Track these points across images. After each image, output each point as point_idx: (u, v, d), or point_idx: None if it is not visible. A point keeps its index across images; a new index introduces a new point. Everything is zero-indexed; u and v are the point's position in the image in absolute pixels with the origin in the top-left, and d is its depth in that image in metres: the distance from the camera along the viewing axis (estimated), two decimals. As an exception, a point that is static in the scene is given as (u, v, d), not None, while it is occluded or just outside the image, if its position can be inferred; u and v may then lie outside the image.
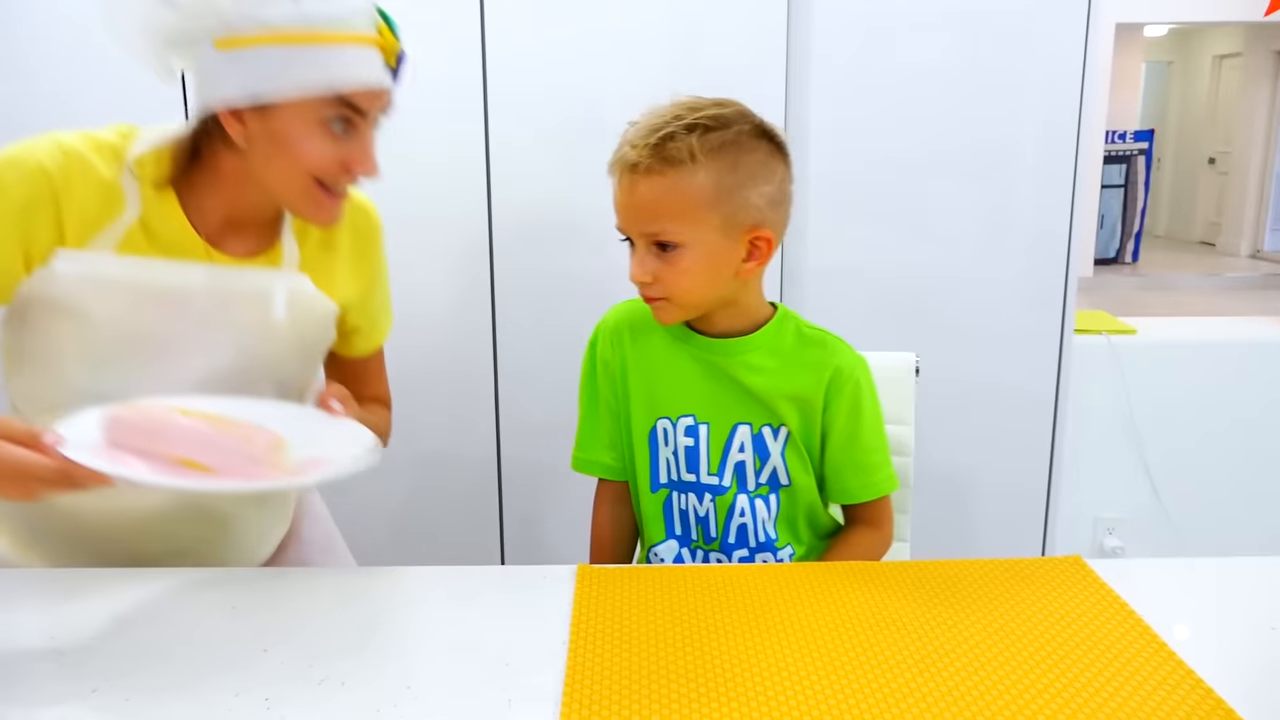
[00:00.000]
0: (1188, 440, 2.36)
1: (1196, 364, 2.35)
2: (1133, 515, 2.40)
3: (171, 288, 1.01)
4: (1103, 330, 2.36)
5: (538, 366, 1.87)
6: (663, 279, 1.06)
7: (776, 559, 1.14)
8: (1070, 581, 0.93)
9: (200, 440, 0.86)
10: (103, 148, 0.99)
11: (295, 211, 1.03)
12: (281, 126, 0.95)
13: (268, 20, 0.92)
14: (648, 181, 1.03)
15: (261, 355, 1.08)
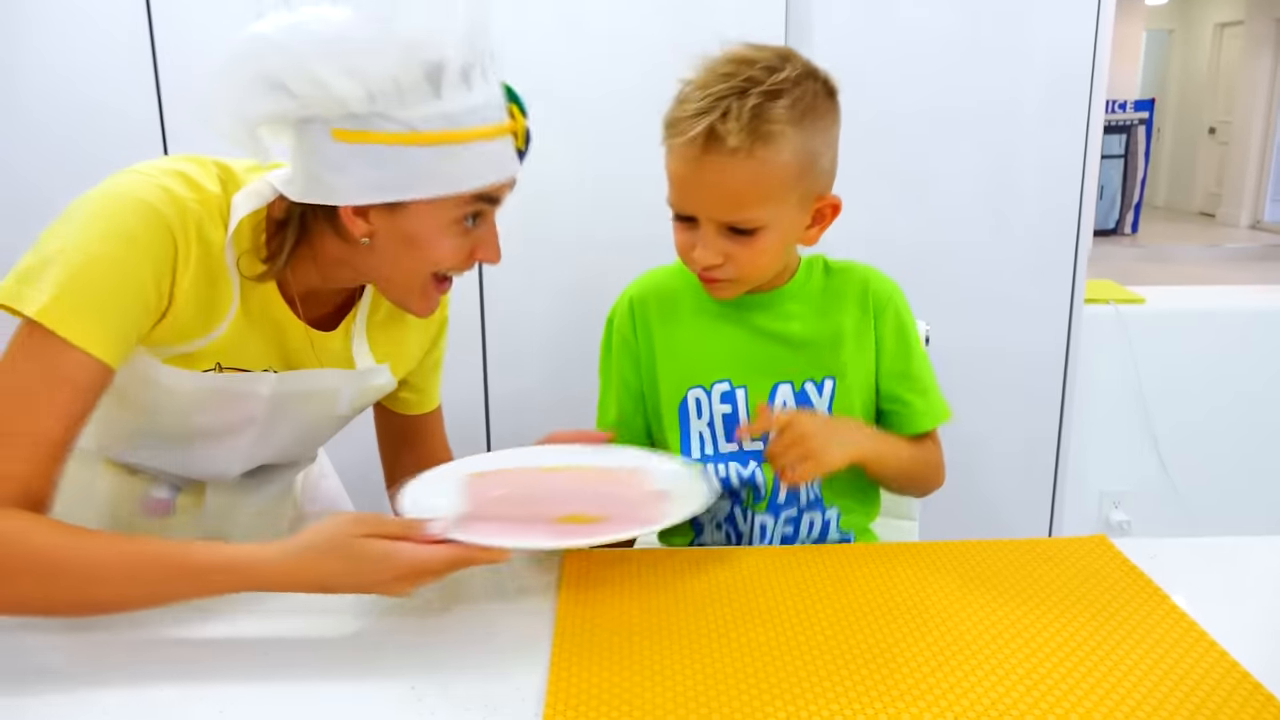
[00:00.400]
0: (1196, 412, 2.32)
1: (1206, 334, 2.31)
2: (1139, 489, 2.37)
3: (242, 394, 0.96)
4: (1110, 299, 2.31)
5: (527, 347, 1.82)
6: (736, 260, 1.00)
7: (824, 519, 1.11)
8: (1097, 561, 0.89)
9: (581, 493, 0.88)
10: (209, 204, 0.89)
11: (401, 303, 0.96)
12: (414, 227, 0.88)
13: (407, 121, 0.82)
14: (735, 163, 0.93)
15: (313, 439, 1.13)
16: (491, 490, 0.87)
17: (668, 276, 1.15)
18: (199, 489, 1.08)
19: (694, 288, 1.11)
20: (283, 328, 0.97)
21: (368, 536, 0.77)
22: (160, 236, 0.85)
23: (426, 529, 0.79)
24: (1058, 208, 1.85)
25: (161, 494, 1.07)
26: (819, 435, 0.96)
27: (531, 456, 0.97)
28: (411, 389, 1.16)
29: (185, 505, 1.08)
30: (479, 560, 0.79)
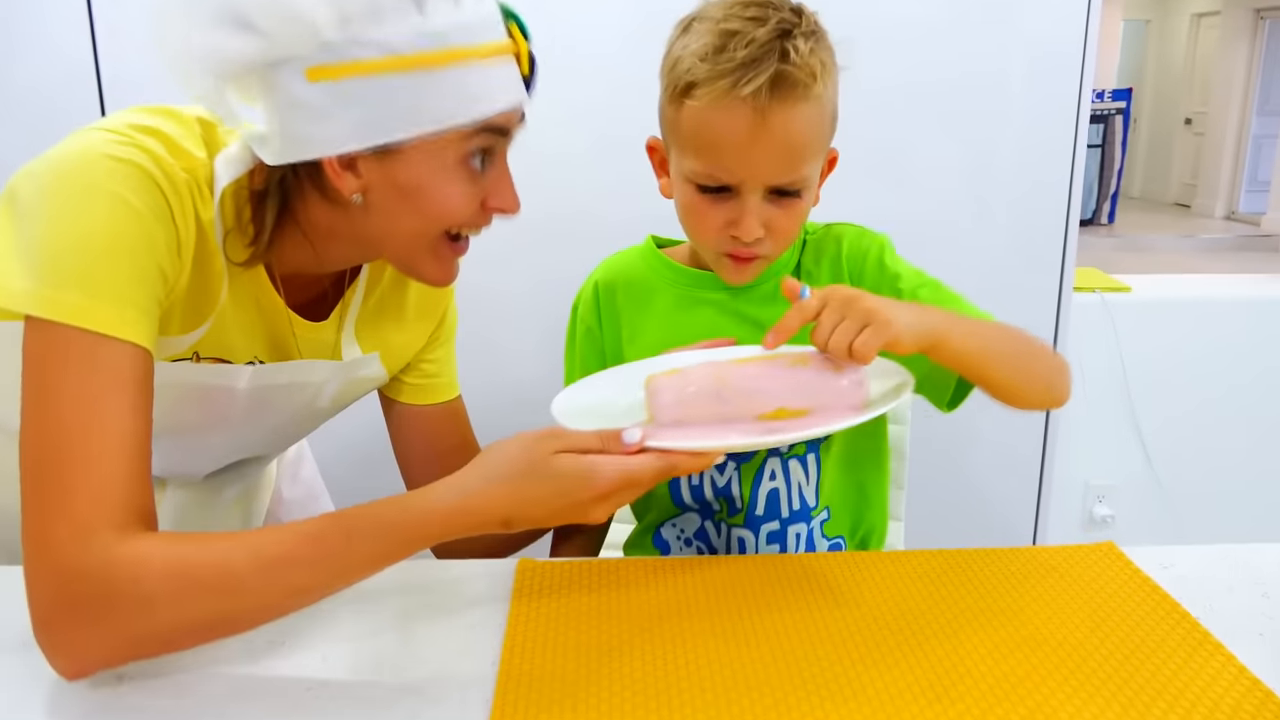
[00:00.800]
0: (1183, 404, 2.26)
1: (1193, 323, 2.25)
2: (1124, 482, 2.31)
3: (216, 388, 0.84)
4: (1096, 288, 2.25)
5: (508, 338, 1.72)
6: (776, 230, 0.89)
7: (809, 529, 0.98)
8: (1106, 572, 0.81)
9: (775, 386, 0.75)
10: (197, 174, 0.76)
11: (414, 272, 0.84)
12: (411, 174, 0.75)
13: (387, 43, 0.70)
14: (804, 109, 0.83)
15: (290, 435, 1.02)
16: (678, 390, 0.75)
17: (637, 258, 1.04)
18: (159, 484, 0.97)
19: (667, 270, 1.01)
20: (269, 315, 0.85)
21: (563, 452, 0.68)
22: (156, 202, 0.72)
23: (624, 436, 0.69)
24: (1045, 194, 1.78)
25: None
26: (872, 297, 0.75)
27: (694, 356, 0.86)
28: (420, 373, 1.01)
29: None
30: (686, 468, 0.70)
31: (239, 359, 0.84)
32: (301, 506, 1.18)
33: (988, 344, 0.82)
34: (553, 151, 1.63)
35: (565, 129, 1.63)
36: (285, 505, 1.16)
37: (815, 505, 0.98)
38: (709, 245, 0.92)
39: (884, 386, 0.77)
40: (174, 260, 0.74)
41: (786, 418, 0.74)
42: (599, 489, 0.67)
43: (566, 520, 0.69)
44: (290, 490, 1.17)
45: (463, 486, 0.69)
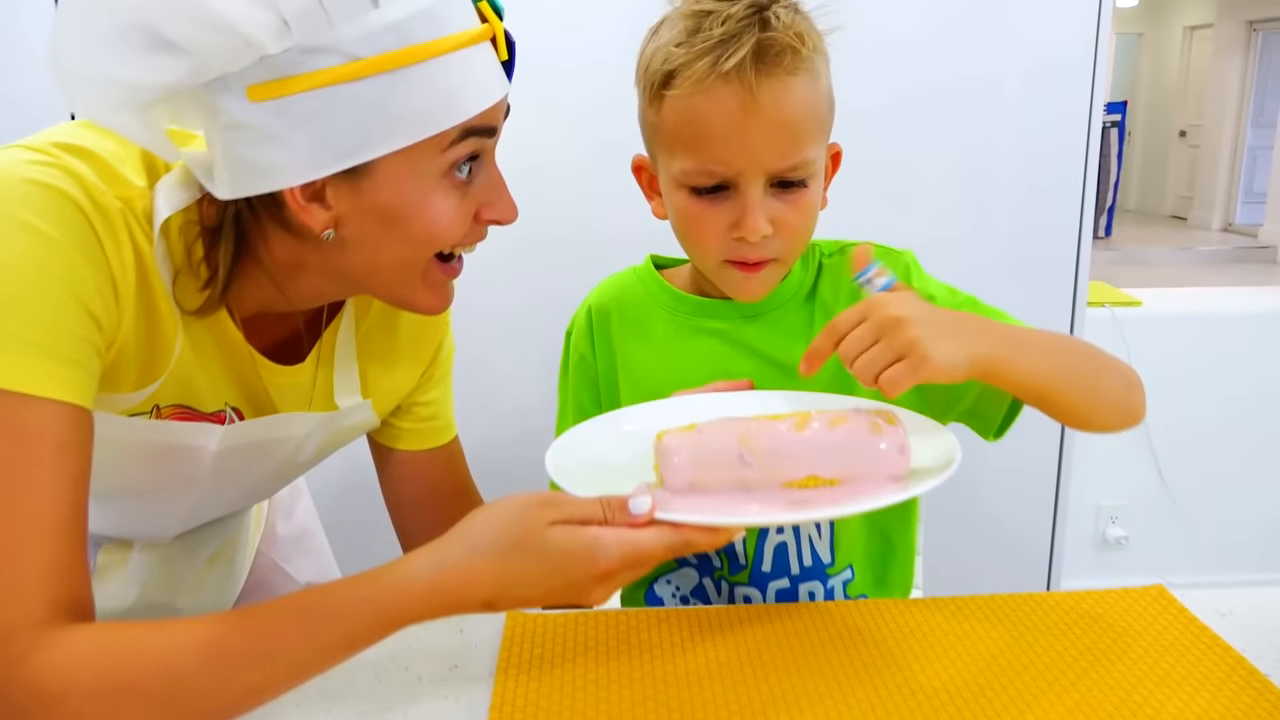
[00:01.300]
0: (1197, 421, 2.19)
1: (1206, 338, 2.19)
2: (1137, 502, 2.24)
3: (181, 448, 0.73)
4: (1106, 302, 2.18)
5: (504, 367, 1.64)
6: (785, 228, 0.80)
7: (827, 589, 0.88)
8: (1158, 618, 0.73)
9: (804, 448, 0.65)
10: (135, 204, 0.65)
11: (404, 303, 0.73)
12: (390, 195, 0.65)
13: (340, 47, 0.60)
14: (793, 82, 0.75)
15: (266, 490, 0.91)
16: (693, 450, 0.66)
17: (634, 280, 0.95)
18: (124, 545, 0.87)
19: (665, 295, 0.92)
20: (235, 359, 0.74)
21: (560, 524, 0.59)
22: (82, 235, 0.61)
23: (631, 506, 0.59)
24: (1055, 209, 1.72)
25: None
26: (919, 320, 0.65)
27: (708, 401, 0.77)
28: (413, 417, 0.90)
29: (107, 565, 0.86)
30: (702, 545, 0.60)
31: (206, 406, 0.74)
32: (296, 544, 1.07)
33: (1054, 363, 0.72)
34: (547, 162, 1.55)
35: (560, 137, 1.56)
36: (279, 543, 1.05)
37: (831, 563, 0.88)
38: (711, 256, 0.82)
39: (927, 449, 0.68)
40: (108, 304, 0.63)
41: (817, 486, 0.65)
42: (601, 568, 0.58)
43: (560, 602, 0.60)
44: (285, 527, 1.07)
45: (440, 559, 0.59)
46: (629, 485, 0.62)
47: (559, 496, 0.61)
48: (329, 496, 1.23)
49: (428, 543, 0.60)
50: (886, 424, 0.66)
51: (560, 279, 1.58)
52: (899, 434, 0.66)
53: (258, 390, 0.77)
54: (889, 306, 0.66)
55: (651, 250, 0.98)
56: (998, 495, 1.82)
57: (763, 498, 0.64)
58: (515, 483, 0.77)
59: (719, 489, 0.65)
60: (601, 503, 0.60)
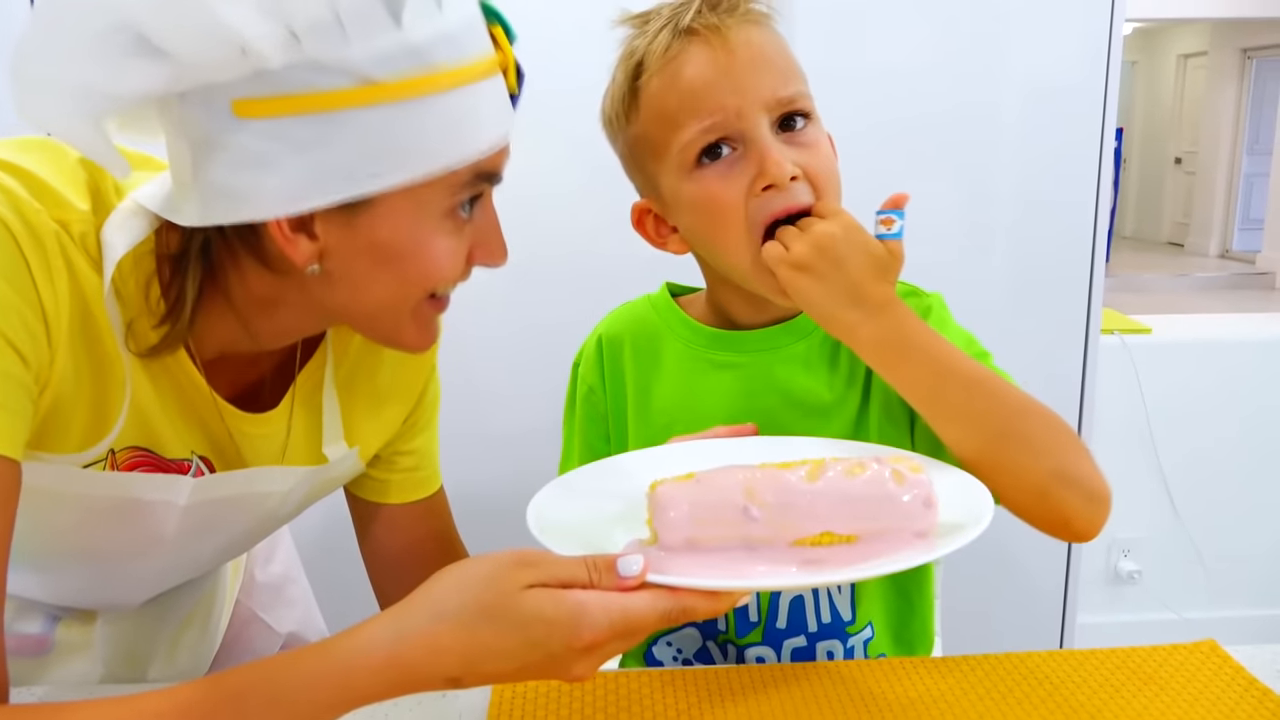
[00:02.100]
0: (1209, 450, 2.14)
1: (1218, 365, 2.14)
2: (1150, 535, 2.18)
3: (149, 504, 0.66)
4: (1115, 329, 2.12)
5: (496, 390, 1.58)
6: (809, 172, 0.72)
7: (846, 648, 0.81)
8: (1214, 677, 0.66)
9: (818, 502, 0.58)
10: (74, 227, 0.58)
11: (389, 340, 0.68)
12: (388, 232, 0.59)
13: (353, 67, 0.53)
14: (755, 28, 0.73)
15: (242, 547, 0.82)
16: (692, 502, 0.58)
17: (648, 309, 0.88)
18: (86, 616, 0.79)
19: (681, 325, 0.85)
20: (196, 404, 0.67)
21: (538, 587, 0.51)
22: (7, 255, 0.54)
23: (620, 567, 0.52)
24: (1066, 234, 1.68)
25: (32, 628, 0.77)
26: (829, 250, 0.68)
27: (707, 448, 0.70)
28: (393, 467, 0.82)
29: (68, 642, 0.78)
30: (702, 613, 0.53)
31: (169, 451, 0.66)
32: (276, 592, 1.00)
33: (944, 375, 0.69)
34: (544, 187, 1.50)
35: (558, 162, 1.51)
36: (258, 592, 0.98)
37: (852, 620, 0.81)
38: (745, 239, 0.73)
39: (955, 500, 0.61)
40: (35, 338, 0.56)
41: (832, 544, 0.58)
42: (585, 639, 0.50)
43: (537, 678, 0.52)
44: (264, 574, 0.99)
45: (399, 628, 0.51)
46: (619, 542, 0.56)
47: (538, 555, 0.53)
48: (310, 538, 1.17)
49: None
50: (910, 473, 0.59)
51: (556, 305, 1.53)
52: (924, 484, 0.59)
53: (224, 440, 0.70)
54: (832, 226, 0.69)
55: (651, 276, 0.92)
56: (1010, 529, 1.76)
57: (770, 556, 0.57)
58: (507, 522, 0.71)
59: (720, 547, 0.58)
60: (586, 563, 0.53)
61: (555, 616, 0.50)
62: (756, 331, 0.81)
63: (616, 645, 0.52)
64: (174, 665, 0.84)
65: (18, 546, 0.59)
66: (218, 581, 0.90)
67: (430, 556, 0.83)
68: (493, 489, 1.39)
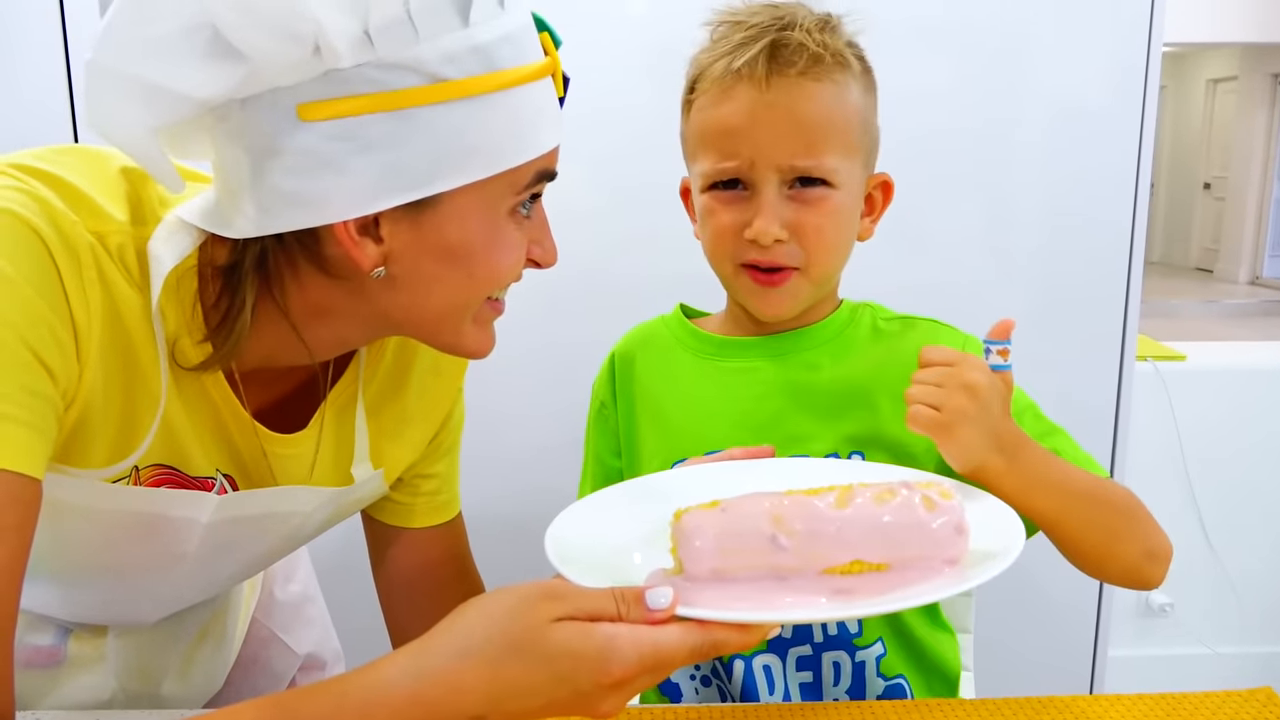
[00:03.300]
0: (1244, 480, 2.10)
1: (1255, 394, 2.09)
2: (1183, 568, 2.10)
3: (168, 521, 0.65)
4: (1149, 356, 2.09)
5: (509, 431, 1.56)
6: (802, 233, 0.76)
7: (855, 662, 0.81)
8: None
9: (848, 529, 0.56)
10: (111, 239, 0.57)
11: (450, 346, 0.67)
12: (456, 231, 0.59)
13: (426, 67, 0.54)
14: (806, 84, 0.75)
15: (261, 566, 0.81)
16: (718, 531, 0.56)
17: (660, 326, 0.90)
18: (98, 631, 0.78)
19: (693, 339, 0.87)
20: (228, 422, 0.66)
21: (566, 620, 0.49)
22: (41, 269, 0.53)
23: (649, 600, 0.50)
24: (1100, 259, 1.65)
25: (44, 640, 0.77)
26: (980, 404, 0.66)
27: (727, 475, 0.68)
28: (414, 490, 0.81)
29: (80, 656, 0.77)
30: (733, 646, 0.51)
31: (193, 469, 0.65)
32: (295, 612, 0.99)
33: (1068, 512, 0.71)
34: (565, 207, 1.48)
35: (579, 183, 1.50)
36: (277, 611, 0.97)
37: (859, 633, 0.81)
38: (727, 259, 0.80)
39: (985, 527, 0.59)
40: (65, 352, 0.55)
41: (862, 572, 0.56)
42: (615, 675, 0.48)
43: (564, 715, 0.50)
44: (283, 593, 0.98)
45: (421, 665, 0.49)
46: (640, 571, 0.54)
47: (564, 587, 0.52)
48: (328, 558, 1.15)
49: (414, 639, 0.51)
50: (941, 499, 0.57)
51: (573, 325, 1.52)
52: (955, 510, 0.57)
53: (255, 459, 0.68)
54: (975, 372, 0.66)
55: (669, 295, 0.93)
56: (1040, 562, 1.72)
57: (800, 586, 0.56)
58: (520, 542, 0.70)
59: (748, 577, 0.56)
60: (614, 595, 0.51)
61: (584, 651, 0.48)
62: (764, 338, 0.84)
63: (645, 680, 0.50)
64: (188, 681, 0.82)
65: (37, 561, 0.58)
66: (232, 597, 0.89)
67: (445, 581, 0.81)
68: (506, 509, 1.38)
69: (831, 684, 0.80)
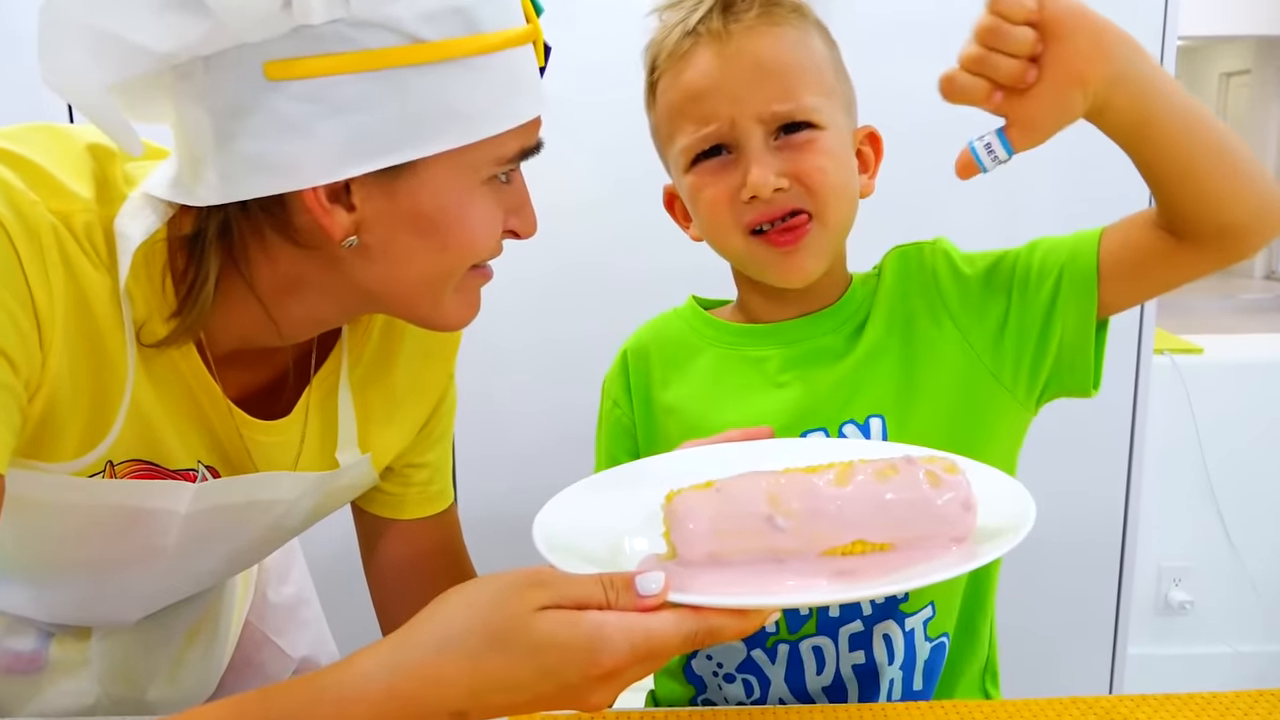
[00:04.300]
0: (1264, 475, 2.06)
1: (1271, 386, 2.06)
2: (1202, 564, 2.10)
3: (145, 512, 0.63)
4: (1165, 349, 2.05)
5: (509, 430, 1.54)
6: (802, 175, 0.74)
7: (906, 631, 0.77)
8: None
9: (849, 507, 0.54)
10: (75, 218, 0.55)
11: (427, 319, 0.64)
12: (430, 199, 0.57)
13: (404, 25, 0.52)
14: (765, 28, 0.73)
15: (247, 560, 0.79)
16: (712, 512, 0.54)
17: (674, 318, 0.88)
18: (81, 633, 0.76)
19: (708, 328, 0.85)
20: (206, 410, 0.64)
21: (552, 609, 0.47)
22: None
23: (639, 585, 0.48)
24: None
25: (24, 645, 0.74)
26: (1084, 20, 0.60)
27: (722, 456, 0.66)
28: (404, 480, 0.79)
29: (61, 660, 0.75)
30: (729, 633, 0.49)
31: (173, 463, 0.63)
32: (290, 614, 0.97)
33: (1186, 110, 0.65)
34: (568, 199, 1.47)
35: (582, 175, 1.48)
36: (271, 614, 0.95)
37: (905, 598, 0.78)
38: (736, 235, 0.76)
39: (992, 502, 0.56)
40: (26, 339, 0.52)
41: (864, 552, 0.54)
42: (605, 665, 0.46)
43: (551, 709, 0.48)
44: (277, 594, 0.96)
45: (399, 658, 0.47)
46: (634, 557, 0.52)
47: (550, 574, 0.50)
48: (323, 558, 1.13)
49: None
50: (946, 474, 0.55)
51: (577, 318, 1.50)
52: (962, 486, 0.55)
53: (236, 448, 0.66)
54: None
55: (675, 290, 0.91)
56: (1058, 560, 1.69)
57: (799, 569, 0.54)
58: (522, 539, 0.67)
59: (745, 560, 0.54)
60: (602, 581, 0.49)
61: (571, 641, 0.46)
62: (784, 324, 0.81)
63: (637, 670, 0.48)
64: (177, 685, 0.80)
65: (9, 559, 0.56)
66: (223, 596, 0.86)
67: (438, 574, 0.79)
68: (508, 506, 1.36)
69: (886, 662, 0.77)
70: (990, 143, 0.63)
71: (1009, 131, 0.62)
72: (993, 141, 0.63)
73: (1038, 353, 0.76)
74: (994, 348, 0.77)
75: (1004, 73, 0.60)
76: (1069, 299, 0.74)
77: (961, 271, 0.80)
